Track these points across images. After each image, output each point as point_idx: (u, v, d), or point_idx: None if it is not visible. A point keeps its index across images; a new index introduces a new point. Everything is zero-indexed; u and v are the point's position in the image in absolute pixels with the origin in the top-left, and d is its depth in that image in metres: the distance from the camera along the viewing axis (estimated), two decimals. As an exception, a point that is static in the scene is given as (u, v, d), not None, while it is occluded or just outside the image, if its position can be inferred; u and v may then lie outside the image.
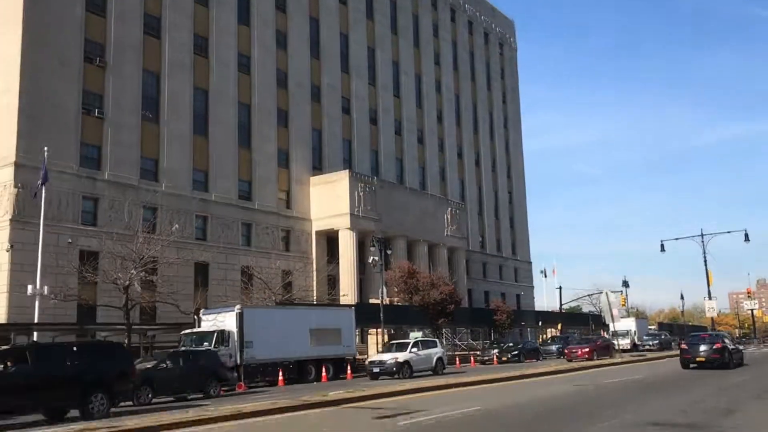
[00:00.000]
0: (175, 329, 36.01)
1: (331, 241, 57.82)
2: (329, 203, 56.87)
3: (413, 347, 34.12)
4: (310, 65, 60.66)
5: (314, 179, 58.44)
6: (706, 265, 57.67)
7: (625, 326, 62.86)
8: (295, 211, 56.82)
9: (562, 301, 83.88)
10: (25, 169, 38.73)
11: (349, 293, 54.22)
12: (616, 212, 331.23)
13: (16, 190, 38.49)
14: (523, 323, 70.86)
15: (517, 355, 49.99)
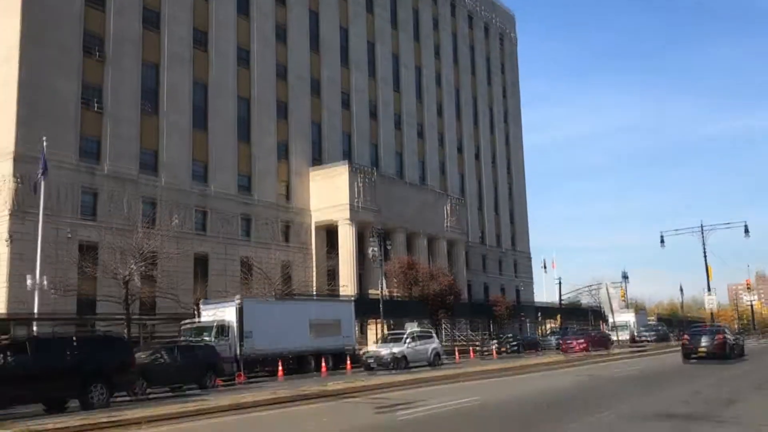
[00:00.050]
0: (175, 321, 36.07)
1: (330, 233, 57.82)
2: (329, 196, 56.85)
3: (410, 340, 33.91)
4: (309, 58, 60.52)
5: (314, 172, 58.39)
6: (705, 258, 57.63)
7: (624, 319, 62.95)
8: (294, 203, 56.79)
9: (561, 294, 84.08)
10: (24, 161, 38.66)
11: (348, 285, 54.24)
12: (615, 205, 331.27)
13: (15, 182, 38.43)
14: (522, 316, 70.96)
15: (516, 347, 50.12)
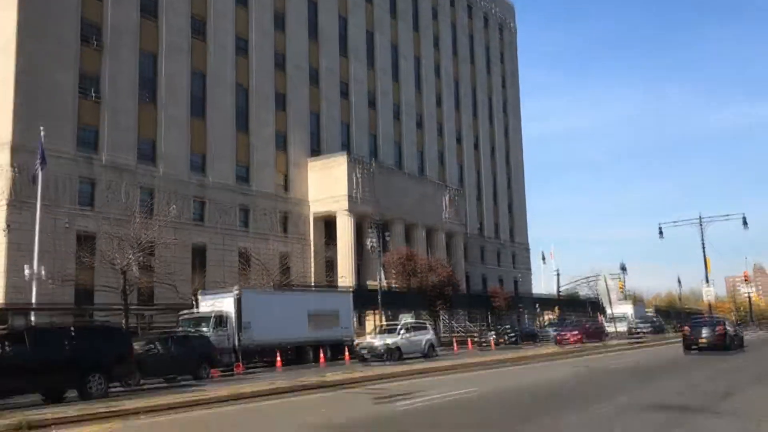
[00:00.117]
0: (173, 311, 36.03)
1: (329, 224, 57.76)
2: (327, 187, 56.73)
3: (404, 331, 33.87)
4: (308, 48, 60.26)
5: (312, 163, 58.24)
6: (704, 250, 57.59)
7: (622, 311, 63.05)
8: (292, 194, 56.68)
9: (559, 285, 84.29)
10: (21, 151, 38.50)
11: (346, 277, 54.25)
12: (614, 198, 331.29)
13: (12, 172, 38.30)
14: (520, 307, 71.00)
15: (514, 339, 50.14)
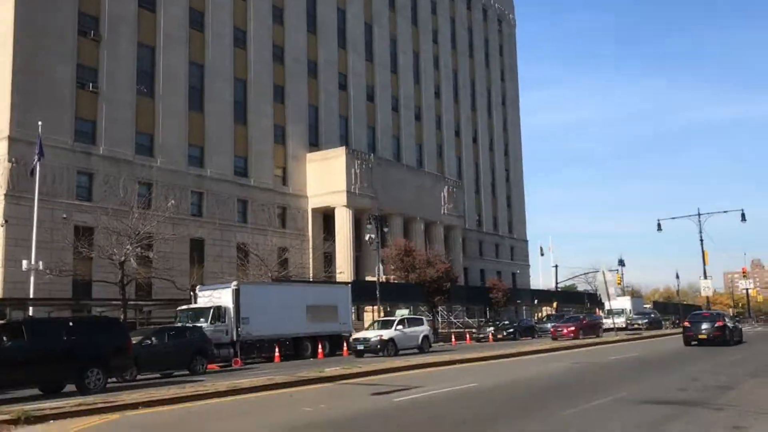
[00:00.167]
0: (171, 305, 35.97)
1: (327, 218, 57.69)
2: (326, 180, 56.62)
3: (399, 325, 33.87)
4: (306, 40, 60.03)
5: (311, 156, 58.10)
6: (702, 244, 57.65)
7: (620, 305, 63.04)
8: (291, 187, 56.56)
9: (558, 279, 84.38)
10: (18, 143, 38.38)
11: (345, 270, 54.23)
12: (613, 191, 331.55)
13: (9, 164, 38.18)
14: (518, 301, 71.09)
15: (512, 333, 50.21)
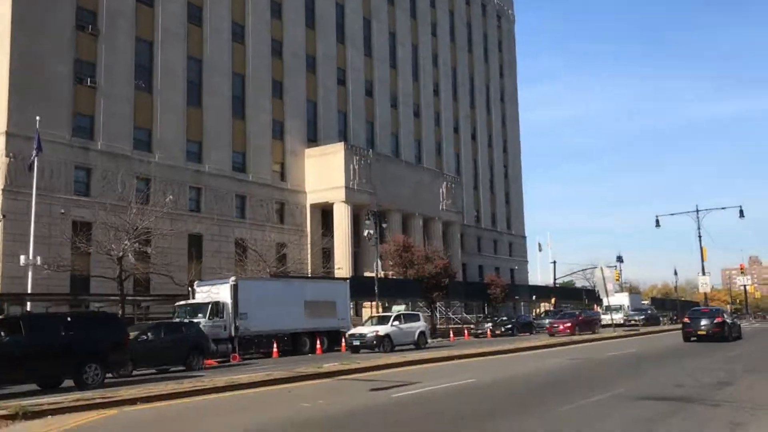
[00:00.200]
0: (169, 300, 35.95)
1: (325, 213, 57.64)
2: (324, 176, 56.56)
3: (395, 321, 33.86)
4: (305, 35, 59.89)
5: (309, 151, 58.02)
6: (700, 241, 57.89)
7: (618, 301, 63.12)
8: (289, 183, 56.50)
9: (556, 275, 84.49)
10: (16, 138, 38.26)
11: (343, 266, 54.22)
12: (612, 187, 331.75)
13: (7, 159, 38.08)
14: (517, 297, 71.20)
15: (510, 329, 50.26)
